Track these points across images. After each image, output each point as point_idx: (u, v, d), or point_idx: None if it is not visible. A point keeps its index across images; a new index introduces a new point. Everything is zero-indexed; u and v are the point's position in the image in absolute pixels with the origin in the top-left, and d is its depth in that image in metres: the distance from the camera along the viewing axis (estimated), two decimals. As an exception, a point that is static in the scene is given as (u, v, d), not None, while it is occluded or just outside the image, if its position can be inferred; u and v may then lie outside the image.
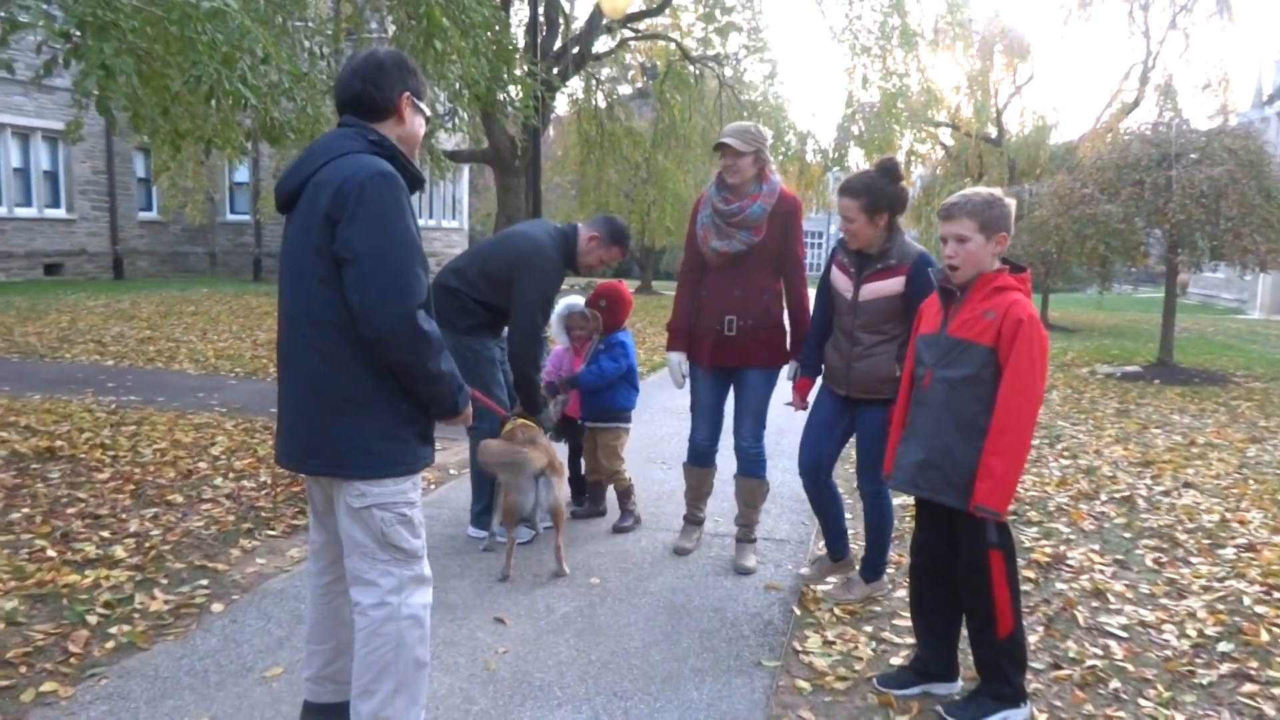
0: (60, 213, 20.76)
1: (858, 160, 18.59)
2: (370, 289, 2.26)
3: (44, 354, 10.01)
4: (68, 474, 5.34)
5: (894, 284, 3.57)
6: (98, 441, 6.11)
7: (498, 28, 8.32)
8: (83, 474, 5.35)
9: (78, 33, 4.96)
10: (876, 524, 3.88)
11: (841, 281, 3.74)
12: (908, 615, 3.77)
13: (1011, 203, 2.91)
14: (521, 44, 12.24)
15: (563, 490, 4.21)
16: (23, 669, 3.09)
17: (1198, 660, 3.44)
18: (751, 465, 4.22)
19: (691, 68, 19.99)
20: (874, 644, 3.52)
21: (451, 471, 5.82)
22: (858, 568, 4.03)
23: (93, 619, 3.47)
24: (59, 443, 6.00)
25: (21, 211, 19.87)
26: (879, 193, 3.54)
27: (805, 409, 4.01)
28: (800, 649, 3.45)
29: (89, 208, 21.35)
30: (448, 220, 28.76)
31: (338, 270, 2.31)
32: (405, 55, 2.52)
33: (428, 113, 2.58)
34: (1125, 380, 11.40)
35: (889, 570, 4.30)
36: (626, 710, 2.95)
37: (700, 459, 4.37)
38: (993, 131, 26.94)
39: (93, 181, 21.35)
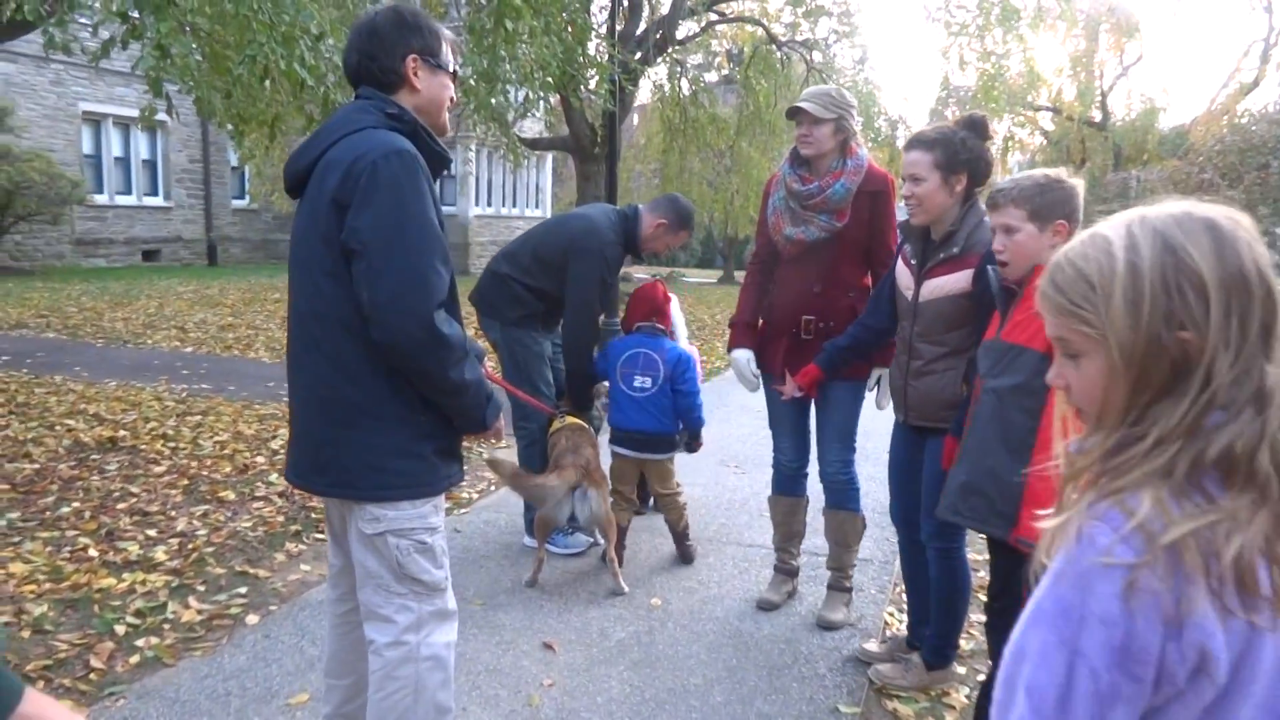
0: (158, 200, 21.33)
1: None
2: (381, 285, 1.94)
3: (128, 340, 10.13)
4: (125, 466, 5.24)
5: (958, 280, 2.82)
6: (160, 432, 6.03)
7: (576, 6, 8.02)
8: (140, 466, 5.24)
9: (135, 12, 4.82)
10: (941, 588, 3.01)
11: (904, 277, 3.02)
12: (975, 634, 3.34)
13: (1077, 184, 2.39)
14: (603, 28, 11.93)
15: (606, 500, 3.85)
16: (40, 684, 2.90)
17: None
18: (841, 495, 3.57)
19: (778, 53, 19.44)
20: (968, 689, 3.09)
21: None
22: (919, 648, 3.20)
23: (121, 629, 3.28)
24: (122, 432, 5.93)
25: (121, 199, 20.47)
26: (959, 146, 2.79)
27: (788, 398, 3.44)
28: (883, 692, 3.05)
29: (185, 195, 21.91)
30: (530, 209, 28.75)
31: (346, 262, 2.00)
32: (407, 11, 2.17)
33: (452, 68, 2.22)
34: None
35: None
36: (681, 763, 2.61)
37: (788, 485, 3.72)
38: (1097, 115, 25.69)
39: (189, 170, 21.90)
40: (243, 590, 3.68)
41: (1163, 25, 49.76)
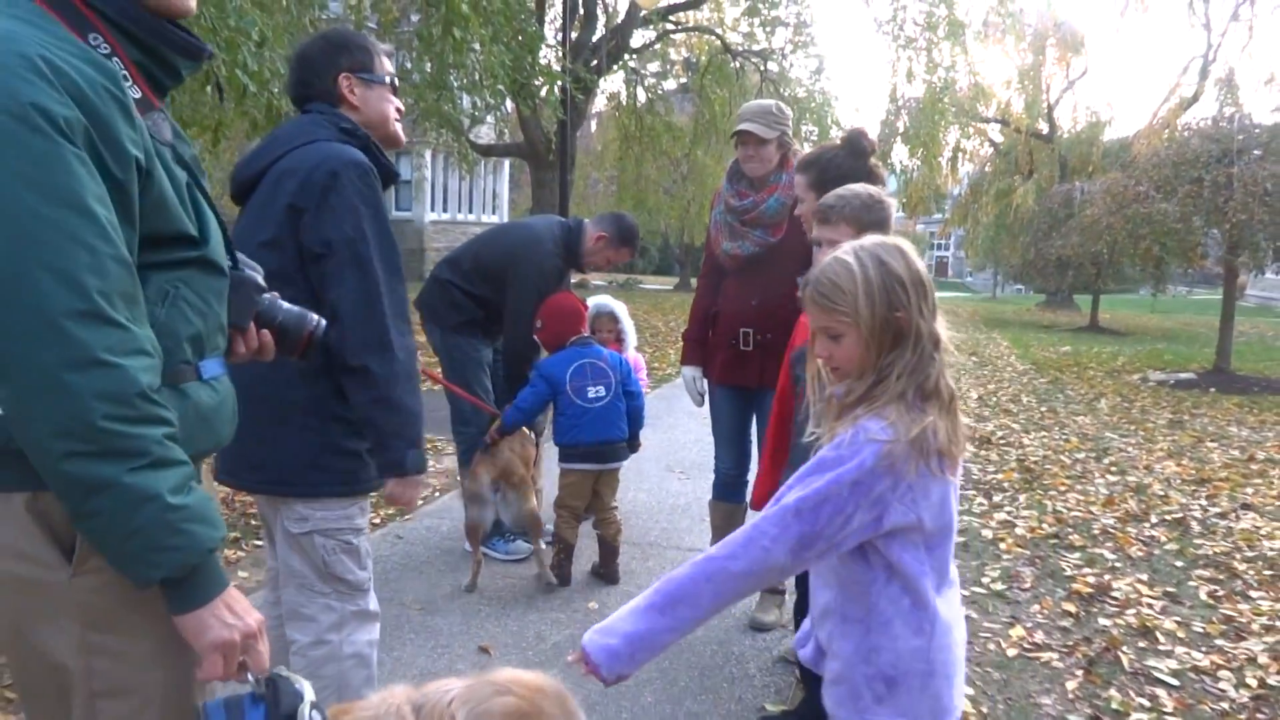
0: (104, 204, 20.94)
1: (901, 157, 18.08)
2: (343, 292, 2.04)
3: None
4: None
5: None
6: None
7: (523, 16, 8.06)
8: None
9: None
10: None
11: None
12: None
13: (891, 203, 2.45)
14: (560, 37, 11.98)
15: (527, 500, 3.93)
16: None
17: (1259, 715, 3.06)
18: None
19: (734, 62, 19.63)
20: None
21: (459, 478, 5.57)
22: None
23: (52, 637, 3.26)
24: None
25: (66, 203, 20.07)
26: (827, 166, 2.81)
27: None
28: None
29: (132, 199, 21.54)
30: (487, 215, 28.68)
31: (300, 266, 2.07)
32: (334, 33, 2.26)
33: (387, 79, 2.25)
34: (1179, 388, 10.86)
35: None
36: (609, 761, 2.67)
37: (727, 491, 3.78)
38: (1044, 127, 26.25)
39: (136, 173, 21.55)
40: (178, 597, 3.67)
41: (1107, 41, 51.06)
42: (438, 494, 5.29)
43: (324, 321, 1.66)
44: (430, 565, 4.16)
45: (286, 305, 1.62)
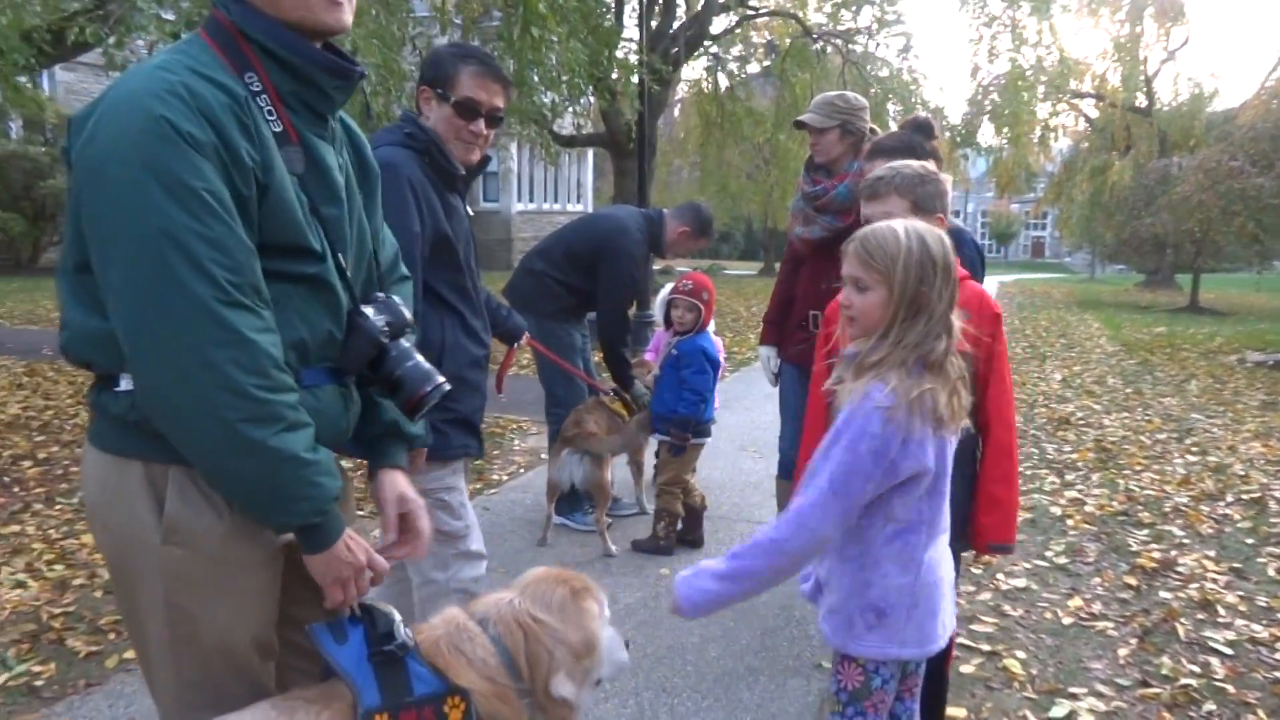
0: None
1: (988, 137, 17.78)
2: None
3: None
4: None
5: None
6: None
7: (600, 12, 8.31)
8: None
9: (187, 33, 5.21)
10: None
11: None
12: (988, 620, 3.59)
13: (947, 179, 2.42)
14: (638, 29, 12.16)
15: (603, 470, 4.25)
16: (112, 635, 3.28)
17: (1312, 684, 3.13)
18: None
19: (815, 44, 19.51)
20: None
21: (543, 456, 5.87)
22: None
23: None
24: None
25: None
26: (911, 151, 2.83)
27: None
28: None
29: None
30: (572, 204, 29.14)
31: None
32: (439, 50, 2.53)
33: (451, 99, 2.41)
34: (1277, 369, 10.52)
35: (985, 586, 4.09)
36: (672, 707, 2.91)
37: (788, 470, 3.94)
38: (1142, 101, 25.36)
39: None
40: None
41: (1210, 7, 48.76)
42: (522, 470, 5.59)
43: (445, 385, 1.66)
44: (514, 534, 4.47)
45: (414, 360, 1.63)
